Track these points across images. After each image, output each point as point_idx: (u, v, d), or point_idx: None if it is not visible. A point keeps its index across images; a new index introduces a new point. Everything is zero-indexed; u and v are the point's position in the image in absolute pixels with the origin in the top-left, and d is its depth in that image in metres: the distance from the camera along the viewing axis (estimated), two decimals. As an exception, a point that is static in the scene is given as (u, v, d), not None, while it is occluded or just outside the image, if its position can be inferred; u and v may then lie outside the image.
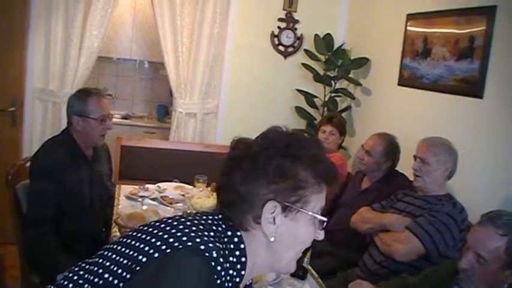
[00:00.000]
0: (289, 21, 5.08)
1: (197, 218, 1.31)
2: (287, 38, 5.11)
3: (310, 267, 2.47)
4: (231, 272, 1.24)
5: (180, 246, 1.18)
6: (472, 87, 3.23)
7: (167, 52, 4.78)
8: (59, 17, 4.50)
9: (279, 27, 5.08)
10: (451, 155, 2.89)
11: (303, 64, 4.97)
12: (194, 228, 1.24)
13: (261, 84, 5.09)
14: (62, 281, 1.29)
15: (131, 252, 1.22)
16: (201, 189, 3.38)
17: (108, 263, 1.25)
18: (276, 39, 5.10)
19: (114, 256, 1.25)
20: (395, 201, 3.10)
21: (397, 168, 3.55)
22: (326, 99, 4.92)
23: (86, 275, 1.26)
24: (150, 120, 6.49)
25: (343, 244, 3.36)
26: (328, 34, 4.94)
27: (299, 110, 5.02)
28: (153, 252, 1.19)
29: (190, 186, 3.56)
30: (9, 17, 4.23)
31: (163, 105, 6.51)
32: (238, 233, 1.28)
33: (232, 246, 1.27)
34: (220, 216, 1.32)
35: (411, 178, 3.11)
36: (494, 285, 1.93)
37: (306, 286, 2.29)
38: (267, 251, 1.30)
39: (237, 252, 1.27)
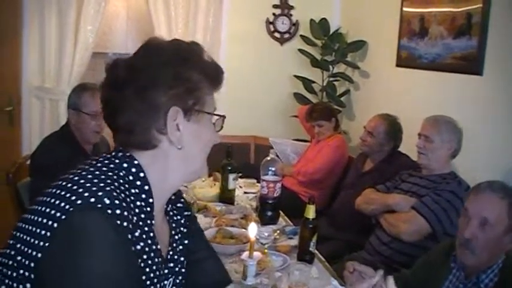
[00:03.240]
0: (284, 7, 5.06)
1: (85, 167, 1.25)
2: (282, 25, 5.08)
3: (317, 252, 2.46)
4: (138, 203, 1.23)
5: (71, 209, 1.12)
6: (470, 64, 3.22)
7: (162, 44, 4.74)
8: (52, 13, 4.47)
9: (274, 13, 5.06)
10: (456, 134, 2.88)
11: (300, 50, 4.95)
12: (82, 181, 1.18)
13: (258, 72, 5.06)
14: None
15: (33, 229, 1.16)
16: (203, 178, 3.36)
17: (18, 244, 1.18)
18: (271, 26, 5.07)
19: (19, 235, 1.19)
20: (399, 182, 3.08)
21: (399, 149, 3.53)
22: (324, 84, 4.90)
23: (3, 260, 1.19)
24: (149, 113, 6.44)
25: (348, 227, 3.36)
26: (324, 19, 4.91)
27: (298, 96, 4.99)
28: (52, 223, 1.13)
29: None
30: (1, 15, 4.19)
31: (161, 98, 6.47)
32: (136, 162, 1.26)
33: (131, 178, 1.24)
34: (113, 153, 1.28)
35: (414, 158, 3.10)
36: (494, 254, 1.93)
37: (313, 270, 2.28)
38: (177, 161, 1.29)
39: (138, 182, 1.25)
